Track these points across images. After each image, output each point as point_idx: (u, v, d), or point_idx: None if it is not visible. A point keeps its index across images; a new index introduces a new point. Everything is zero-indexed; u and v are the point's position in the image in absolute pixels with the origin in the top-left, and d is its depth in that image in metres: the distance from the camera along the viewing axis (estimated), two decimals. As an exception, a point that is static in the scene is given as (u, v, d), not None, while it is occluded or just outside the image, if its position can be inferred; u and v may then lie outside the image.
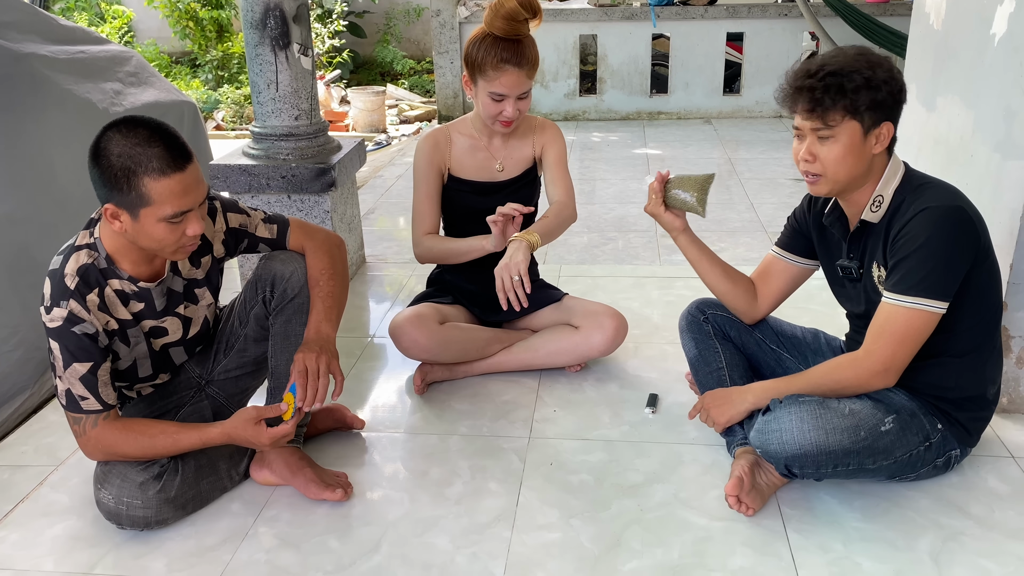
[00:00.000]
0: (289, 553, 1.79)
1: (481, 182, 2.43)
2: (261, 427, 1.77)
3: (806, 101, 1.70)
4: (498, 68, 2.19)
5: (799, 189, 4.49)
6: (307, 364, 1.79)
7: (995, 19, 2.10)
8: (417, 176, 2.43)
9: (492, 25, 2.19)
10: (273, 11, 2.90)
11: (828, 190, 1.78)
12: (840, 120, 1.68)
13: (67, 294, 1.69)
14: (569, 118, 6.58)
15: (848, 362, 1.80)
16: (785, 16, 6.22)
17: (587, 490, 1.96)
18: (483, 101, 2.27)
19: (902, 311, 1.70)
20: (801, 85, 1.71)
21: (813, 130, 1.72)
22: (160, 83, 3.61)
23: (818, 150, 1.73)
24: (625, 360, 2.57)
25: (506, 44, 2.19)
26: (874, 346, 1.74)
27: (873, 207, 1.79)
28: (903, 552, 1.73)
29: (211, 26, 8.01)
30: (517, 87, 2.22)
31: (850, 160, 1.72)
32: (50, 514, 1.93)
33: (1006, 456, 2.03)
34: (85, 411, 1.73)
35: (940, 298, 1.69)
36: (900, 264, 1.71)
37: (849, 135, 1.70)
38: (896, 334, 1.71)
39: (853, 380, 1.78)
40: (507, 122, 2.29)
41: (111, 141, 1.60)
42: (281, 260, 1.94)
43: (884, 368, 1.74)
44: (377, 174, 5.14)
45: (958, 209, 1.70)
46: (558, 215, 2.37)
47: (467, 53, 2.26)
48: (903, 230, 1.71)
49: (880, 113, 1.70)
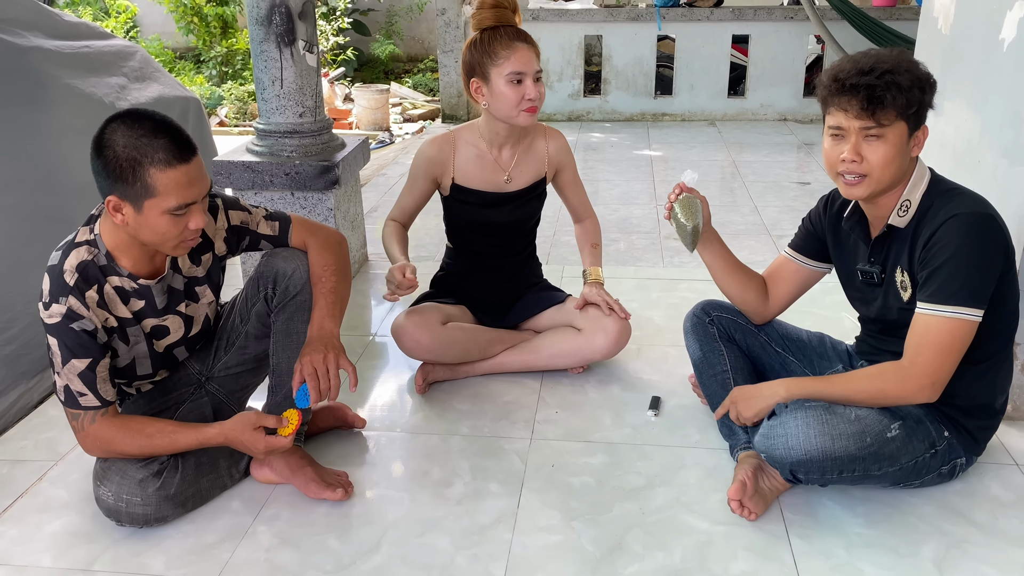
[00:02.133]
0: (288, 552, 1.78)
1: (487, 192, 2.40)
2: (259, 433, 1.77)
3: (862, 98, 1.65)
4: (509, 47, 2.18)
5: (803, 192, 4.49)
6: (315, 366, 1.78)
7: (1004, 24, 2.09)
8: (412, 174, 2.42)
9: (483, 21, 2.22)
10: (279, 7, 2.89)
11: (869, 192, 1.73)
12: (893, 119, 1.66)
13: (66, 290, 1.68)
14: (573, 119, 6.57)
15: (894, 371, 1.74)
16: (791, 19, 6.21)
17: (588, 492, 1.96)
18: (501, 92, 2.21)
19: (944, 322, 1.67)
20: (857, 83, 1.65)
21: (862, 129, 1.67)
22: (164, 78, 3.61)
23: (865, 150, 1.69)
24: (628, 362, 2.56)
25: (506, 29, 2.21)
26: (919, 358, 1.69)
27: (900, 211, 1.76)
28: (906, 559, 1.72)
29: (216, 22, 8.02)
30: (532, 64, 2.20)
31: (897, 162, 1.69)
32: (49, 509, 1.93)
33: (1010, 464, 2.02)
34: (83, 407, 1.72)
35: (978, 306, 1.67)
36: (935, 274, 1.68)
37: (898, 135, 1.68)
38: (941, 345, 1.67)
39: (898, 390, 1.72)
40: (533, 108, 2.22)
41: (116, 132, 1.59)
42: (283, 257, 1.93)
43: (931, 381, 1.69)
44: (380, 172, 5.14)
45: (988, 217, 1.68)
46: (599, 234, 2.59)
47: (468, 59, 2.25)
48: (934, 237, 1.68)
49: (922, 115, 1.70)
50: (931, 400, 1.73)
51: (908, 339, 1.73)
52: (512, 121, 2.26)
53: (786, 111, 6.38)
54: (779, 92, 6.33)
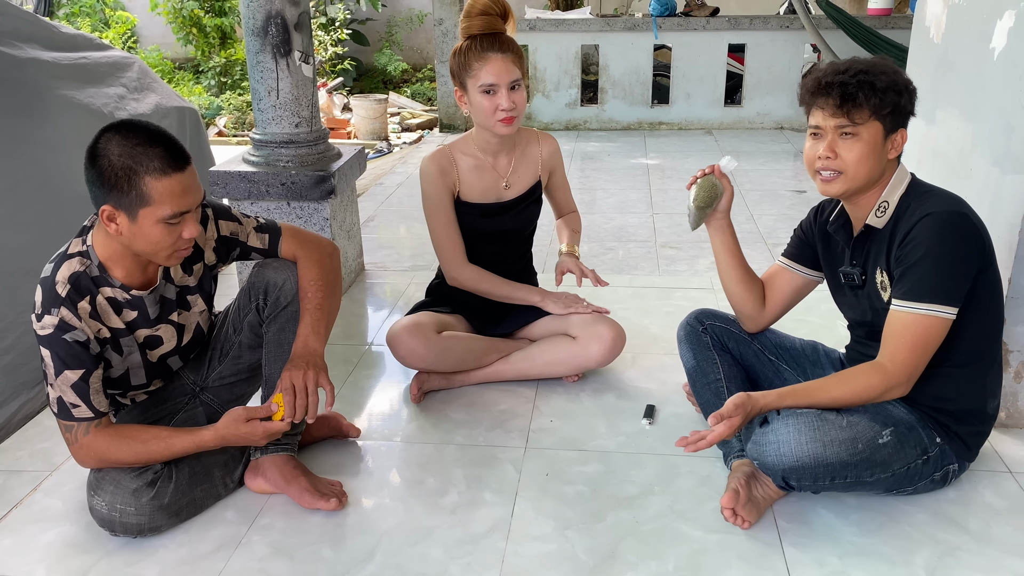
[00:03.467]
0: (282, 562, 1.78)
1: (488, 204, 2.41)
2: (254, 423, 1.77)
3: (836, 96, 1.71)
4: (482, 58, 2.20)
5: (799, 200, 4.49)
6: (294, 382, 1.79)
7: (995, 33, 2.10)
8: (431, 204, 2.38)
9: (470, 28, 2.23)
10: (275, 19, 2.90)
11: (843, 190, 1.77)
12: (866, 119, 1.71)
13: (58, 301, 1.69)
14: (570, 128, 6.59)
15: (871, 369, 1.76)
16: (787, 28, 6.24)
17: (583, 501, 1.96)
18: (477, 102, 2.24)
19: (917, 318, 1.70)
20: (832, 81, 1.72)
21: (837, 127, 1.73)
22: (162, 89, 3.62)
23: (840, 148, 1.74)
24: (623, 371, 2.56)
25: (484, 38, 2.22)
26: (899, 355, 1.72)
27: (878, 212, 1.80)
28: (899, 567, 1.72)
29: (214, 33, 8.04)
30: (505, 74, 2.20)
31: (871, 161, 1.73)
32: (43, 520, 1.92)
33: (1004, 471, 2.02)
34: (77, 419, 1.72)
35: (952, 303, 1.69)
36: (909, 271, 1.71)
37: (872, 135, 1.72)
38: (915, 342, 1.71)
39: (876, 387, 1.74)
40: (508, 119, 2.24)
41: (110, 142, 1.60)
42: (274, 268, 1.94)
43: (907, 377, 1.73)
44: (378, 181, 5.15)
45: (963, 215, 1.71)
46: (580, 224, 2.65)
47: (451, 66, 2.28)
48: (908, 236, 1.71)
49: (900, 119, 1.74)
50: (904, 395, 1.76)
51: (884, 336, 1.75)
52: (491, 130, 2.29)
53: (782, 120, 6.40)
54: (775, 101, 6.35)
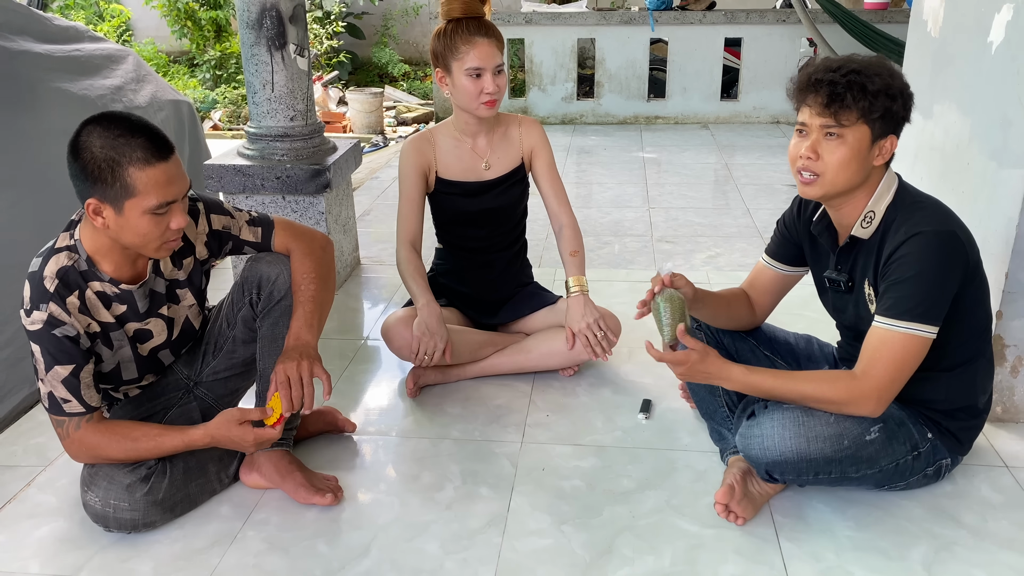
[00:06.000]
0: (277, 557, 1.77)
1: (469, 182, 2.43)
2: (246, 427, 1.75)
3: (824, 95, 1.63)
4: (469, 42, 2.21)
5: (795, 195, 4.48)
6: (288, 374, 1.77)
7: (992, 27, 2.10)
8: (402, 181, 2.42)
9: (451, 11, 2.24)
10: (269, 11, 2.89)
11: (821, 193, 1.72)
12: (854, 121, 1.63)
13: (46, 296, 1.67)
14: (567, 121, 6.58)
15: (846, 379, 1.71)
16: (783, 22, 6.22)
17: (579, 496, 1.95)
18: (462, 85, 2.26)
19: (898, 336, 1.65)
20: (821, 78, 1.64)
21: (823, 127, 1.66)
22: (157, 82, 3.59)
23: (822, 149, 1.67)
24: (619, 365, 2.56)
25: (469, 22, 2.23)
26: (873, 370, 1.68)
27: (864, 223, 1.74)
28: (896, 561, 1.72)
29: (209, 26, 7.99)
30: (491, 59, 2.23)
31: (853, 166, 1.67)
32: (37, 515, 1.92)
33: (999, 465, 2.02)
34: (68, 414, 1.72)
35: (933, 323, 1.65)
36: (893, 288, 1.66)
37: (857, 139, 1.65)
38: (894, 360, 1.66)
39: (844, 397, 1.68)
40: (491, 101, 2.27)
41: (92, 135, 1.59)
42: (267, 262, 1.93)
43: (879, 396, 1.67)
44: (373, 175, 5.13)
45: (951, 234, 1.66)
46: (579, 240, 2.47)
47: (434, 48, 2.29)
48: (895, 253, 1.67)
49: (889, 124, 1.66)
50: (874, 415, 1.71)
51: (863, 350, 1.71)
52: (473, 112, 2.31)
53: (779, 114, 6.39)
54: (772, 95, 6.33)
